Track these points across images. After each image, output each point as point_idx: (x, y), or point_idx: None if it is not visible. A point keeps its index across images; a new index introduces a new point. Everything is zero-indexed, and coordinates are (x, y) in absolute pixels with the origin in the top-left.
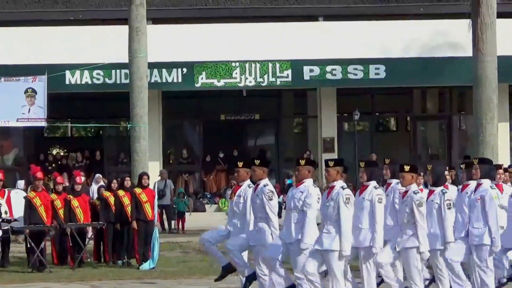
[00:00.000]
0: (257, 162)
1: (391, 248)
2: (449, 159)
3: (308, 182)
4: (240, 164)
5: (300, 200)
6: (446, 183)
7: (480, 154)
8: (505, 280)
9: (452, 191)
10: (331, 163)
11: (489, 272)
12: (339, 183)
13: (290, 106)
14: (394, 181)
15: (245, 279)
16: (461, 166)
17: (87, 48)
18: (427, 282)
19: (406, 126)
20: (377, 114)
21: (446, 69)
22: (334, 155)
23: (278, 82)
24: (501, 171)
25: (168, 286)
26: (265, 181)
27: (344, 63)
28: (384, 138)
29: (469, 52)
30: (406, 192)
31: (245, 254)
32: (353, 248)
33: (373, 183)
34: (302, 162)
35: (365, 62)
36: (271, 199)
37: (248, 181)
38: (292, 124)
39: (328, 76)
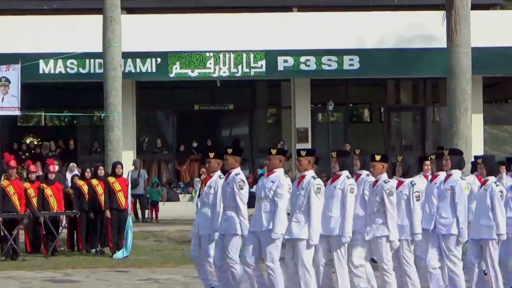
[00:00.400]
0: (229, 150)
1: (362, 247)
2: (423, 150)
3: (279, 172)
4: (212, 154)
5: (271, 190)
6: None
7: (454, 145)
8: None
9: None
10: (303, 153)
11: (458, 262)
12: (310, 173)
13: (264, 96)
14: (364, 172)
15: None
16: (431, 156)
17: (61, 37)
18: None
19: (380, 117)
20: (351, 105)
21: (420, 61)
22: (308, 146)
23: (252, 73)
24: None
25: (141, 274)
26: (237, 170)
27: (318, 54)
28: (358, 129)
29: (443, 44)
30: (376, 181)
31: None
32: (323, 237)
33: (345, 173)
34: (274, 151)
35: (339, 53)
36: (241, 188)
37: (219, 172)
38: (266, 114)
39: (302, 66)
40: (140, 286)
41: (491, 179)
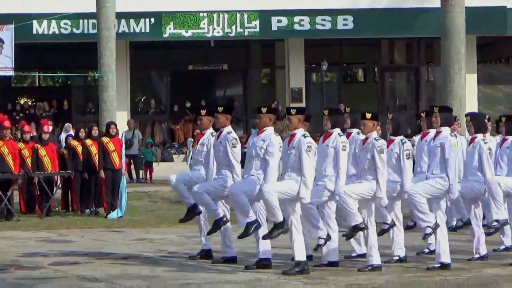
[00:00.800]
0: (220, 109)
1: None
2: (417, 110)
3: (270, 130)
4: (203, 112)
5: (262, 148)
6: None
7: (448, 105)
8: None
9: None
10: (293, 111)
11: (443, 216)
12: (300, 131)
13: (258, 56)
14: (355, 130)
15: (214, 222)
16: (421, 114)
17: None
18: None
19: (374, 77)
20: (345, 65)
21: (414, 21)
22: (302, 106)
23: (246, 33)
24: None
25: (136, 234)
26: (229, 128)
27: (312, 13)
28: (352, 89)
29: (437, 3)
30: (366, 139)
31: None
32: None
33: (337, 131)
34: (264, 110)
35: (333, 13)
36: (234, 146)
37: (211, 129)
38: (260, 74)
39: (296, 27)
40: (134, 246)
41: (479, 136)
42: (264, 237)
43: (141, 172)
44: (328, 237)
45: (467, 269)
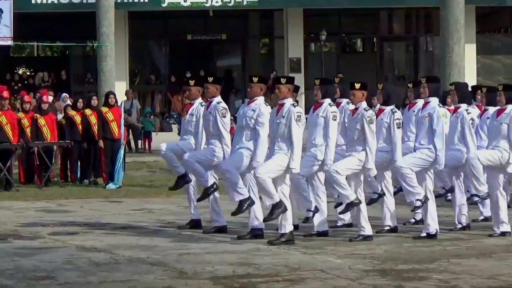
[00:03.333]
0: (210, 79)
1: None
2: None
3: (260, 100)
4: (192, 82)
5: (252, 118)
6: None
7: (447, 75)
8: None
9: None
10: (282, 80)
11: (431, 186)
12: (289, 101)
13: (257, 26)
14: (344, 100)
15: (204, 190)
16: (409, 85)
17: None
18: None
19: (373, 47)
20: (344, 35)
21: None
22: (301, 76)
23: (245, 2)
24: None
25: (134, 205)
26: (218, 98)
27: None
28: (350, 59)
29: None
30: (356, 109)
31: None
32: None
33: (327, 101)
34: (255, 79)
35: None
36: (224, 116)
37: (200, 99)
38: (259, 44)
39: None
40: (133, 215)
41: (463, 106)
42: (264, 220)
43: (139, 142)
44: (316, 209)
45: (466, 239)
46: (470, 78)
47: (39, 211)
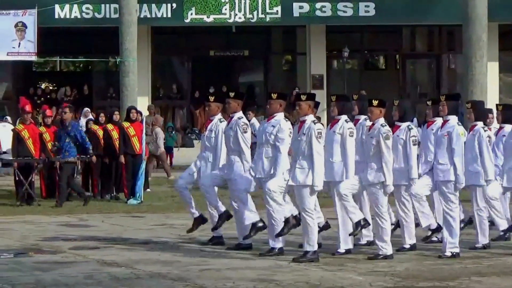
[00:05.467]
0: (231, 94)
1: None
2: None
3: (280, 116)
4: (212, 98)
5: (271, 134)
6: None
7: (469, 93)
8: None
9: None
10: (303, 97)
11: (454, 207)
12: (310, 118)
13: (279, 43)
14: (362, 117)
15: (218, 217)
16: (428, 102)
17: None
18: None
19: (395, 65)
20: (366, 52)
21: (436, 7)
22: (323, 93)
23: (268, 19)
24: (491, 115)
25: (156, 220)
26: (240, 114)
27: (334, 0)
28: (373, 76)
29: None
30: (373, 124)
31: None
32: (325, 182)
33: (344, 117)
34: (274, 95)
35: (354, 0)
36: (245, 132)
37: (219, 115)
38: (281, 61)
39: (318, 13)
40: (155, 231)
41: (479, 124)
42: (277, 235)
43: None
44: (325, 227)
45: (487, 257)
46: (492, 96)
47: (60, 226)
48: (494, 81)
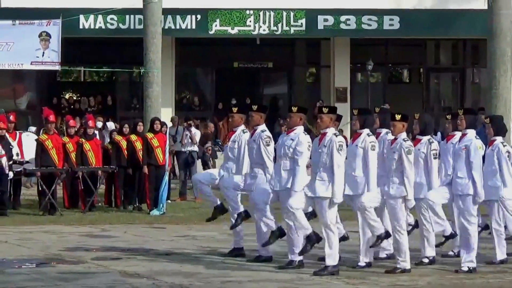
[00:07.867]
0: (254, 107)
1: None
2: None
3: (299, 130)
4: (235, 109)
5: (290, 147)
6: None
7: (493, 107)
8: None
9: None
10: (325, 110)
11: (473, 220)
12: (331, 130)
13: (304, 55)
14: (384, 130)
15: (237, 216)
16: (447, 116)
17: None
18: (409, 228)
19: (419, 78)
20: (390, 65)
21: (460, 21)
22: (347, 106)
23: (292, 31)
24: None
25: (178, 231)
26: (263, 126)
27: (359, 13)
28: (397, 90)
29: (483, 4)
30: (395, 139)
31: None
32: (346, 195)
33: (366, 131)
34: (294, 109)
35: (379, 13)
36: (268, 145)
37: (243, 127)
38: (305, 73)
39: (342, 26)
40: (177, 242)
41: (498, 139)
42: (300, 253)
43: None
44: (343, 238)
45: (509, 272)
46: None
47: (82, 236)
48: None
